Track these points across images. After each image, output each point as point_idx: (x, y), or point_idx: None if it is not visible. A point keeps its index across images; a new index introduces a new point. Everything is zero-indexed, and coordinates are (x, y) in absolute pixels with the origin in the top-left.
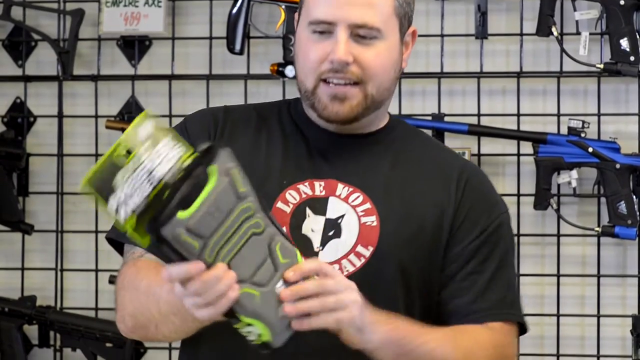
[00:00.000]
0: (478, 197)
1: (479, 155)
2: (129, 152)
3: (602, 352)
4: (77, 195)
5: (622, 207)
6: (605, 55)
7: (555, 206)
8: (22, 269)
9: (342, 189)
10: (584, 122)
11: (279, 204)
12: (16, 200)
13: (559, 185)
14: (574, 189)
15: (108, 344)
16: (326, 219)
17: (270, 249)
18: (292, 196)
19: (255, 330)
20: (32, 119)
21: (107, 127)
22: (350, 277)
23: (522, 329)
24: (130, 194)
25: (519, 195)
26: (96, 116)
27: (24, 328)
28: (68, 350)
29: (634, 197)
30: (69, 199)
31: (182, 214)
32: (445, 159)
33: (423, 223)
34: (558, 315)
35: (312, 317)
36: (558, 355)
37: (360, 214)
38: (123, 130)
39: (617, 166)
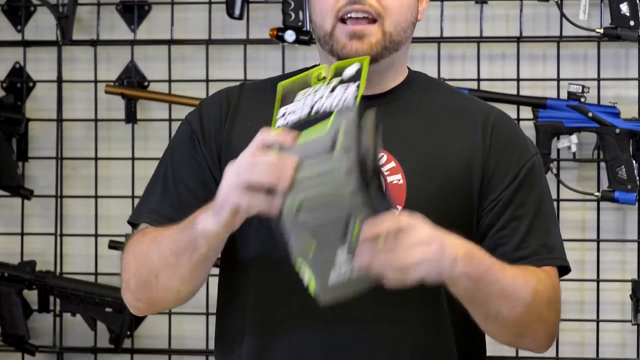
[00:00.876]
0: (506, 142)
1: None
2: (324, 79)
3: (602, 317)
4: (76, 160)
5: (622, 171)
6: (605, 19)
7: (555, 171)
8: (22, 234)
9: None
10: (583, 86)
11: None
12: (15, 166)
13: (558, 150)
14: (574, 153)
15: (107, 309)
16: None
17: (348, 216)
18: None
19: (304, 275)
20: (31, 84)
21: (107, 92)
22: None
23: (564, 270)
24: (293, 110)
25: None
26: (95, 81)
27: (24, 293)
28: (68, 315)
29: (634, 161)
30: (69, 163)
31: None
32: (469, 107)
33: (451, 175)
34: None
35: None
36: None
37: (386, 173)
38: (122, 95)
39: (617, 131)
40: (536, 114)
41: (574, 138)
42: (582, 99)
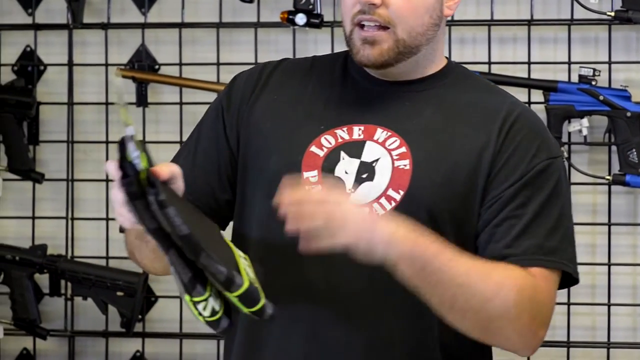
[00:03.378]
0: (522, 140)
1: None
2: None
3: (613, 301)
4: (87, 144)
5: (633, 155)
6: (616, 2)
7: (566, 154)
8: (33, 217)
9: (380, 133)
10: (594, 70)
11: (313, 148)
12: (27, 149)
13: (569, 134)
14: (585, 137)
15: (119, 293)
16: (361, 162)
17: None
18: (327, 141)
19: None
20: (42, 68)
21: (119, 76)
22: None
23: (571, 280)
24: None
25: None
26: (106, 64)
27: (35, 277)
28: (79, 299)
29: None
30: (80, 147)
31: None
32: (494, 102)
33: (458, 167)
34: None
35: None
36: (569, 305)
37: (395, 157)
38: (134, 78)
39: (628, 114)
40: (547, 97)
41: (585, 121)
42: (593, 82)
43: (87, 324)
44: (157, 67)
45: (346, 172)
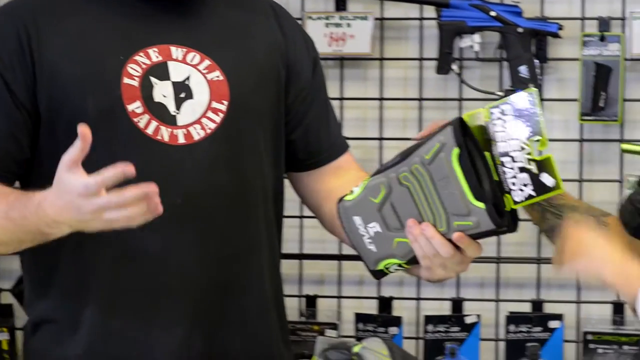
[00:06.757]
0: (296, 30)
1: (382, 19)
2: None
3: None
4: None
5: (524, 71)
6: None
7: (457, 70)
8: None
9: (176, 51)
10: None
11: (126, 80)
12: None
13: (461, 49)
14: (477, 52)
15: None
16: (173, 83)
17: None
18: (134, 69)
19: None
20: None
21: None
22: (214, 133)
23: None
24: None
25: (421, 59)
26: None
27: None
28: None
29: (536, 61)
30: None
31: None
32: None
33: (264, 65)
34: None
35: None
36: None
37: (204, 71)
38: None
39: (519, 30)
40: (439, 13)
41: (476, 37)
42: None
43: None
44: None
45: (164, 96)
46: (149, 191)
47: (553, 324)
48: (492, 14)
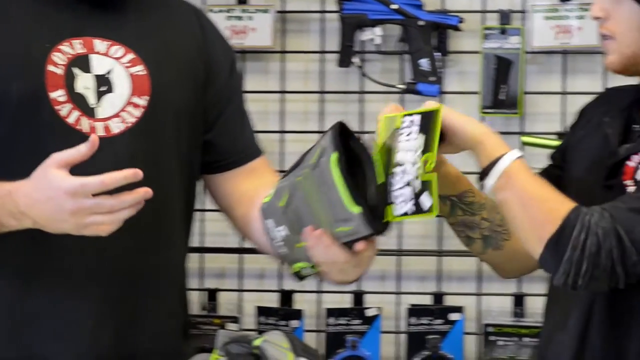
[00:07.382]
0: (216, 33)
1: (283, 12)
2: None
3: None
4: None
5: (425, 64)
6: None
7: (359, 63)
8: None
9: (99, 44)
10: None
11: (51, 68)
12: None
13: (362, 42)
14: (378, 45)
15: None
16: (95, 76)
17: None
18: (59, 58)
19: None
20: None
21: None
22: (134, 127)
23: None
24: None
25: (323, 52)
26: None
27: None
28: None
29: (437, 54)
30: None
31: None
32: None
33: (185, 62)
34: None
35: None
36: None
37: (127, 65)
38: None
39: (420, 23)
40: (341, 5)
41: (377, 30)
42: None
43: None
44: None
45: (86, 88)
46: (147, 196)
47: (454, 316)
48: (393, 6)
